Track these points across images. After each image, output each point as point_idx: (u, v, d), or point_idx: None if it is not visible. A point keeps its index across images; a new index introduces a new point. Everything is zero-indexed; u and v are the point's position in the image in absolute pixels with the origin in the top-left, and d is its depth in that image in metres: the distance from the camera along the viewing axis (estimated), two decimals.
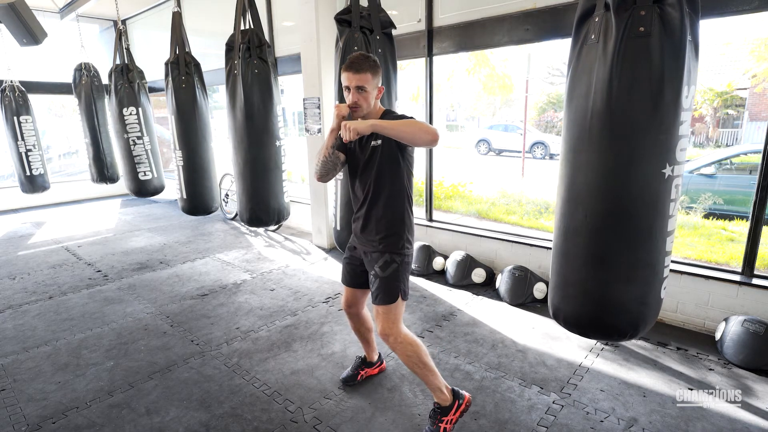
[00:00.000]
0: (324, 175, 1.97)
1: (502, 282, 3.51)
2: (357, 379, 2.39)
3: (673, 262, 3.03)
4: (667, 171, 1.60)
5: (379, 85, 1.87)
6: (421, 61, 4.07)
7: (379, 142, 1.84)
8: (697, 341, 2.77)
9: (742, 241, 2.94)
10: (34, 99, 6.28)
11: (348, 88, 1.79)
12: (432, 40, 3.94)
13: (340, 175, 3.08)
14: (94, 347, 2.86)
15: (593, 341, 2.75)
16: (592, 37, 1.63)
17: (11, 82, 5.98)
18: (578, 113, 1.68)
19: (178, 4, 6.19)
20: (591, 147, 1.65)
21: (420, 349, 1.96)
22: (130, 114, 4.83)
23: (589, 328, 1.80)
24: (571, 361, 2.58)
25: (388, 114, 1.90)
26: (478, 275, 3.74)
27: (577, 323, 1.82)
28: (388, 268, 1.91)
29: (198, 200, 4.07)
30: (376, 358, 2.47)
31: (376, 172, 1.88)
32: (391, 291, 1.91)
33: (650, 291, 1.71)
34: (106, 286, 3.91)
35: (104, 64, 6.09)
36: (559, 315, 1.88)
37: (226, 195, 6.30)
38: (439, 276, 3.95)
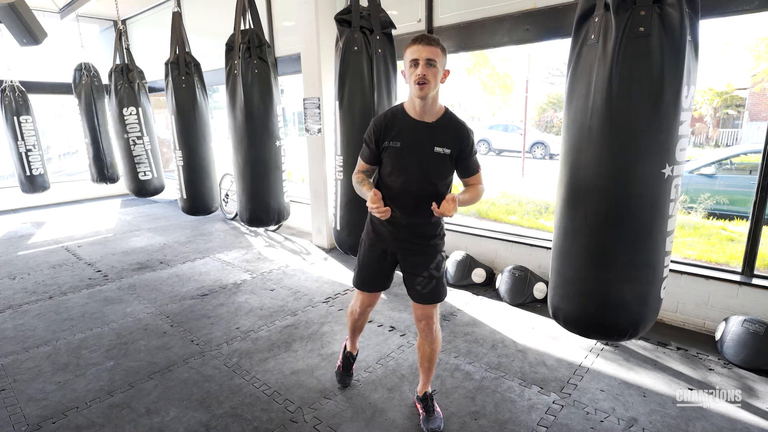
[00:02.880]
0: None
1: (502, 282, 3.51)
2: (353, 377, 2.42)
3: (673, 262, 3.03)
4: (667, 171, 1.60)
5: (446, 67, 1.76)
6: None
7: (448, 151, 1.76)
8: (697, 341, 2.77)
9: (742, 241, 2.95)
10: (34, 99, 6.28)
11: (416, 61, 1.67)
12: None
13: (340, 176, 3.08)
14: (94, 347, 2.86)
15: (593, 341, 2.75)
16: (592, 37, 1.63)
17: (11, 82, 5.98)
18: (578, 113, 1.68)
19: (178, 4, 6.17)
20: (591, 147, 1.66)
21: None
22: (130, 114, 4.84)
23: (589, 328, 1.80)
24: (571, 361, 2.58)
25: (449, 115, 1.82)
26: (478, 275, 3.74)
27: (576, 323, 1.82)
28: (441, 268, 1.95)
29: (198, 200, 4.08)
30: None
31: (443, 175, 1.83)
32: (444, 287, 1.98)
33: (650, 291, 1.72)
34: (106, 286, 3.91)
35: (104, 64, 6.08)
36: (558, 315, 1.88)
37: (226, 195, 6.30)
38: None
